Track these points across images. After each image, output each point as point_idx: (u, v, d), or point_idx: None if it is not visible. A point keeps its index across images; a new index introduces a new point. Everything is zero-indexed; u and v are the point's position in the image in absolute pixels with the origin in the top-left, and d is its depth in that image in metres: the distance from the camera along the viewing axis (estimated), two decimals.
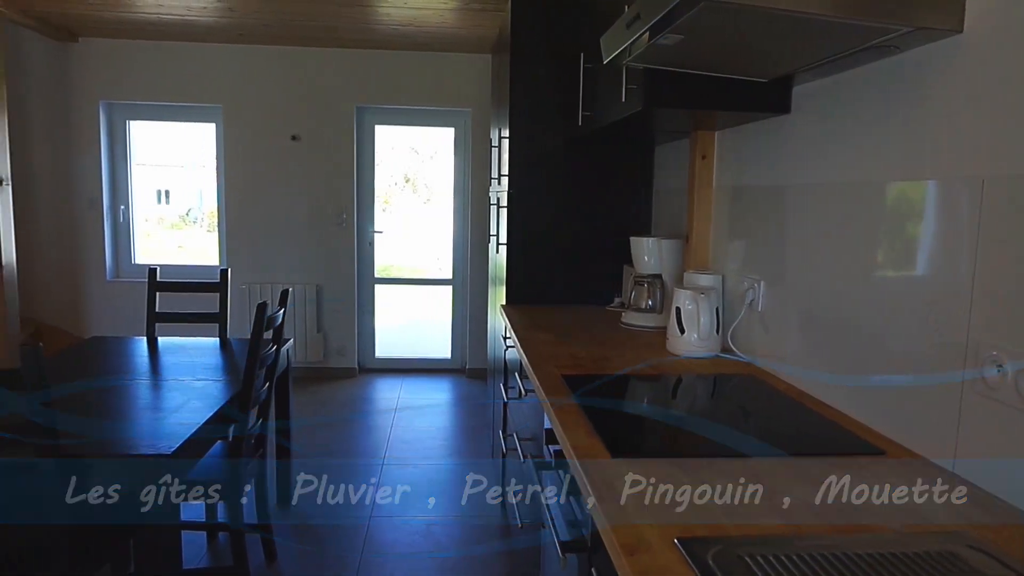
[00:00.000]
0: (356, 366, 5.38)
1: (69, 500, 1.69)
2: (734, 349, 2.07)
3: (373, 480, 3.45)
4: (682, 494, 1.09)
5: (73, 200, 5.08)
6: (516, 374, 2.42)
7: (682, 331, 2.05)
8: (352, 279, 5.29)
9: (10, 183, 4.12)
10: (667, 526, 0.98)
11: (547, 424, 1.68)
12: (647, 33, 1.39)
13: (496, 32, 4.31)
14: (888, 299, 1.40)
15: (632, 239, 2.58)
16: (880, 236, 1.43)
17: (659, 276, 2.49)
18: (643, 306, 2.47)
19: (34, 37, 4.81)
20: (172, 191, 6.04)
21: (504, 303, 3.02)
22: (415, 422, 4.33)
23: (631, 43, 1.50)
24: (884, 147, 1.43)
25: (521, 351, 2.12)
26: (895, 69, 1.39)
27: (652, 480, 1.13)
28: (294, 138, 5.12)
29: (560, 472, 1.52)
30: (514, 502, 2.27)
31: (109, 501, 2.03)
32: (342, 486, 3.41)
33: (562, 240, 3.00)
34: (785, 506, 1.06)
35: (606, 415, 1.49)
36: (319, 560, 2.70)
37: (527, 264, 2.99)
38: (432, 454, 3.81)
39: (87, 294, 5.17)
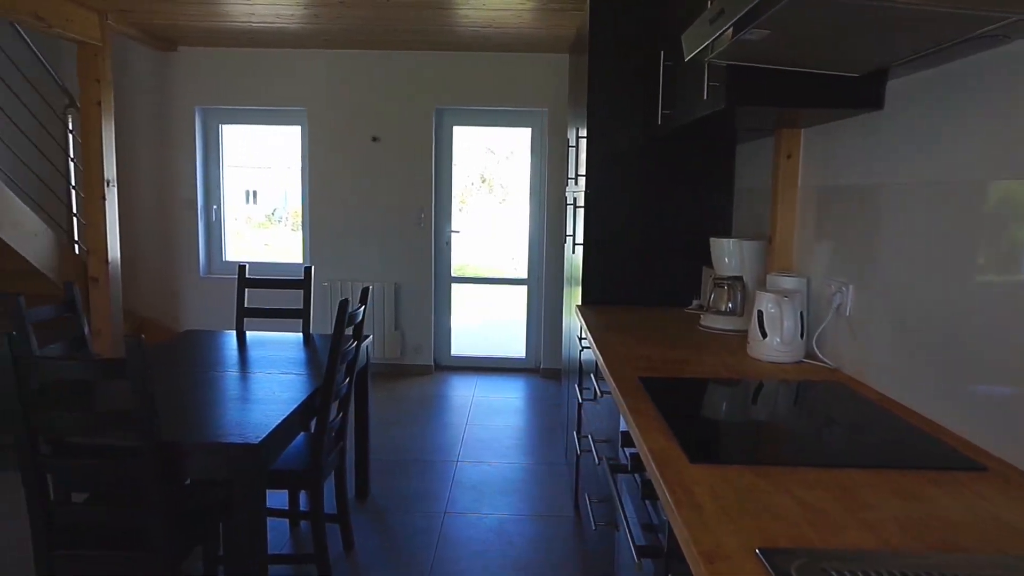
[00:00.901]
0: (432, 363, 5.47)
1: (166, 484, 1.79)
2: (819, 355, 1.99)
3: (448, 477, 3.50)
4: (763, 502, 1.06)
5: (171, 200, 5.37)
6: (591, 375, 2.41)
7: (764, 335, 1.99)
8: (429, 278, 5.38)
9: (116, 184, 4.40)
10: (748, 535, 0.96)
11: (623, 427, 1.66)
12: (731, 29, 1.36)
13: (574, 32, 4.30)
14: (993, 305, 1.32)
15: (712, 240, 2.52)
16: (984, 238, 1.35)
17: (740, 278, 2.43)
18: (723, 309, 2.41)
19: (138, 47, 5.12)
20: (259, 191, 6.30)
21: (579, 304, 3.00)
22: (489, 421, 4.37)
23: (714, 39, 1.47)
24: (989, 143, 1.35)
25: (597, 352, 2.11)
26: (1003, 60, 1.31)
27: (732, 487, 1.10)
28: (375, 139, 5.25)
29: (636, 475, 1.51)
30: (588, 503, 2.26)
31: (201, 486, 2.14)
32: (418, 481, 3.49)
33: (639, 240, 2.96)
34: (875, 520, 1.01)
35: (684, 419, 1.46)
36: (395, 552, 2.76)
37: (603, 264, 2.97)
38: (506, 453, 3.83)
39: (182, 289, 5.46)
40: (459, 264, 5.71)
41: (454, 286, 5.58)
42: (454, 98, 5.22)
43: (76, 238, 4.59)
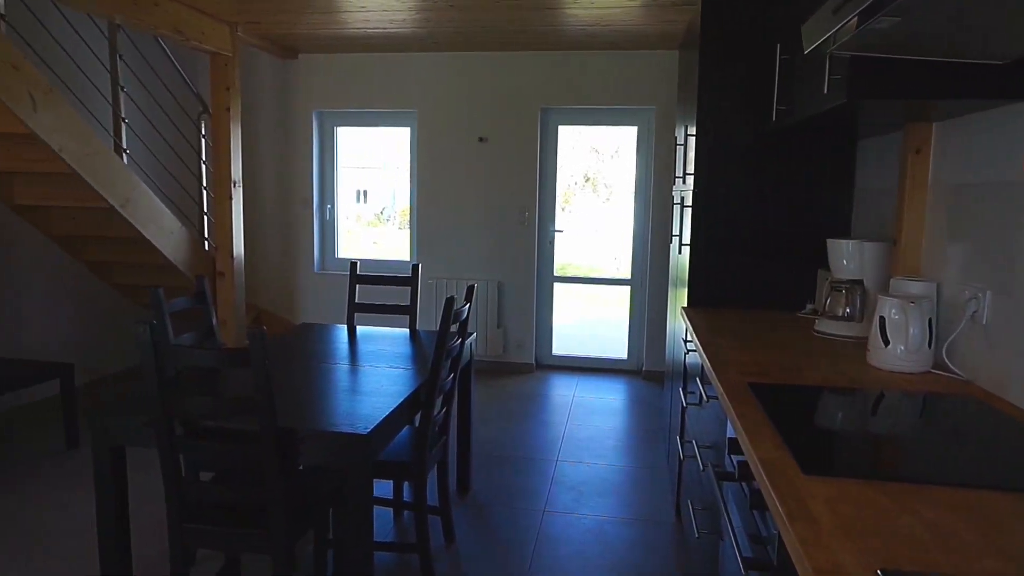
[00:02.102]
0: (534, 362, 5.50)
1: (283, 468, 1.90)
2: (950, 365, 1.85)
3: (547, 475, 3.50)
4: (885, 520, 0.99)
5: (289, 200, 5.68)
6: (697, 379, 2.35)
7: (886, 343, 1.87)
8: (532, 277, 5.41)
9: (241, 185, 4.69)
10: (868, 554, 0.90)
11: (730, 433, 1.61)
12: (856, 18, 1.29)
13: (684, 27, 4.20)
14: None
15: (829, 241, 2.39)
16: None
17: (859, 282, 2.29)
18: (840, 314, 2.29)
19: (262, 55, 5.44)
20: (369, 191, 6.55)
21: (685, 305, 2.93)
22: (590, 421, 4.34)
23: (837, 30, 1.39)
24: None
25: (703, 355, 2.05)
26: None
27: (850, 502, 1.05)
28: (481, 140, 5.33)
29: (743, 484, 1.45)
30: (691, 510, 2.21)
31: (312, 472, 2.24)
32: (518, 478, 3.52)
33: (750, 241, 2.86)
34: (1017, 549, 0.93)
35: (797, 428, 1.40)
36: (494, 547, 2.80)
37: (711, 265, 2.89)
38: (606, 454, 3.80)
39: (298, 284, 5.76)
40: (562, 263, 5.71)
41: (556, 285, 5.59)
42: (560, 97, 5.23)
43: (206, 235, 4.93)
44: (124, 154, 3.91)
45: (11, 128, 3.21)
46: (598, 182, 6.42)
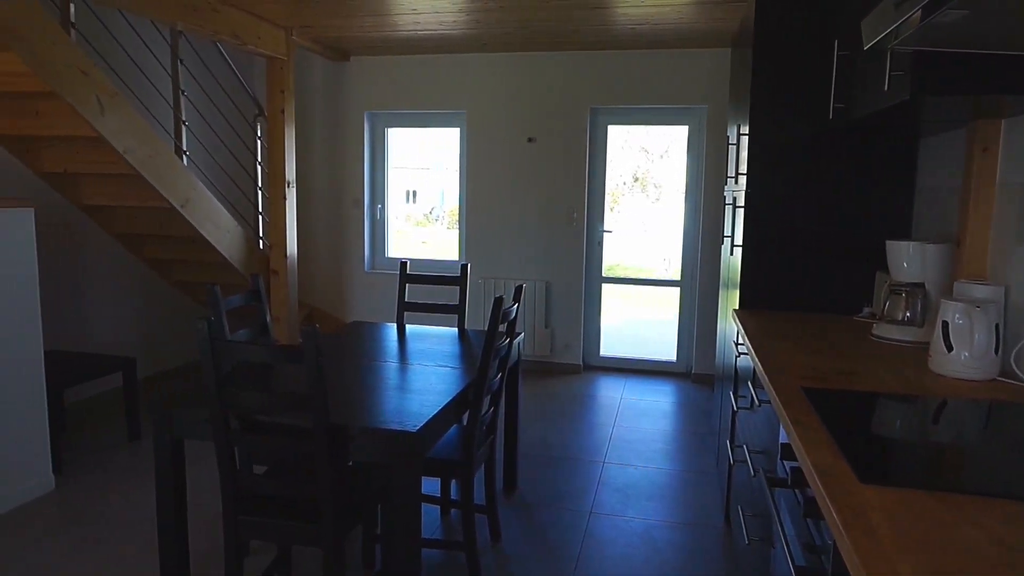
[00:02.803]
0: (581, 363, 5.48)
1: (333, 463, 1.93)
2: (1018, 373, 1.77)
3: (594, 477, 3.49)
4: (946, 533, 0.96)
5: (341, 200, 5.78)
6: (748, 383, 2.30)
7: (950, 348, 1.80)
8: (580, 277, 5.39)
9: (294, 185, 4.80)
10: (928, 567, 0.87)
11: (783, 438, 1.57)
12: (920, 11, 1.24)
13: (737, 24, 4.13)
14: None
15: (889, 243, 2.32)
16: None
17: (921, 285, 2.21)
18: (899, 318, 2.21)
19: (316, 58, 5.55)
20: (418, 191, 6.62)
21: (736, 308, 2.88)
22: (638, 423, 4.30)
23: (899, 24, 1.35)
24: None
25: (755, 359, 2.01)
26: None
27: (910, 513, 1.01)
28: (530, 140, 5.34)
29: (797, 491, 1.42)
30: (741, 516, 2.17)
31: (362, 468, 2.27)
32: (565, 479, 3.51)
33: (804, 242, 2.79)
34: None
35: (854, 435, 1.36)
36: (540, 547, 2.80)
37: (763, 267, 2.83)
38: (654, 457, 3.76)
39: (348, 283, 5.86)
40: (610, 264, 5.67)
41: (605, 286, 5.55)
42: (609, 97, 5.19)
43: (260, 234, 5.06)
44: (184, 156, 4.04)
45: (80, 131, 3.35)
46: (647, 182, 6.35)
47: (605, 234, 5.48)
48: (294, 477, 2.01)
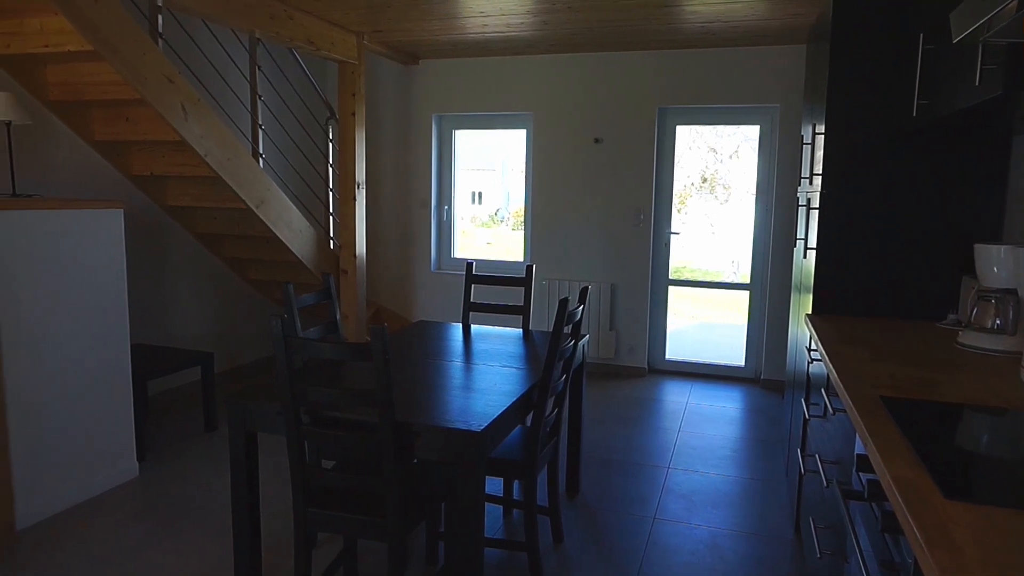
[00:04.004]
0: (646, 366, 5.41)
1: (398, 461, 1.96)
2: None
3: (658, 482, 3.43)
4: None
5: (408, 201, 5.88)
6: (822, 390, 2.23)
7: None
8: (646, 279, 5.33)
9: (364, 187, 4.91)
10: None
11: (859, 449, 1.51)
12: (1015, 1, 1.17)
13: (812, 20, 4.00)
14: None
15: (977, 247, 2.20)
16: None
17: (1013, 291, 2.09)
18: (988, 326, 2.10)
19: (386, 62, 5.67)
20: (484, 192, 6.67)
21: (809, 312, 2.79)
22: (704, 428, 4.22)
23: (993, 15, 1.28)
24: None
25: (830, 366, 1.94)
26: None
27: (1000, 533, 0.96)
28: (597, 141, 5.30)
29: (873, 504, 1.36)
30: (812, 528, 2.09)
31: (426, 466, 2.30)
32: (628, 483, 3.47)
33: (883, 245, 2.68)
34: None
35: (937, 448, 1.29)
36: (603, 550, 2.77)
37: (839, 271, 2.73)
38: (720, 464, 3.67)
39: (415, 283, 5.95)
40: (677, 266, 5.58)
41: (671, 288, 5.46)
42: (678, 97, 5.11)
43: (331, 234, 5.19)
44: (260, 158, 4.19)
45: (165, 136, 3.52)
46: (715, 183, 6.22)
47: (672, 236, 5.40)
48: (361, 472, 2.05)
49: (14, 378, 2.77)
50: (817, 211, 2.78)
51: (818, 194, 2.78)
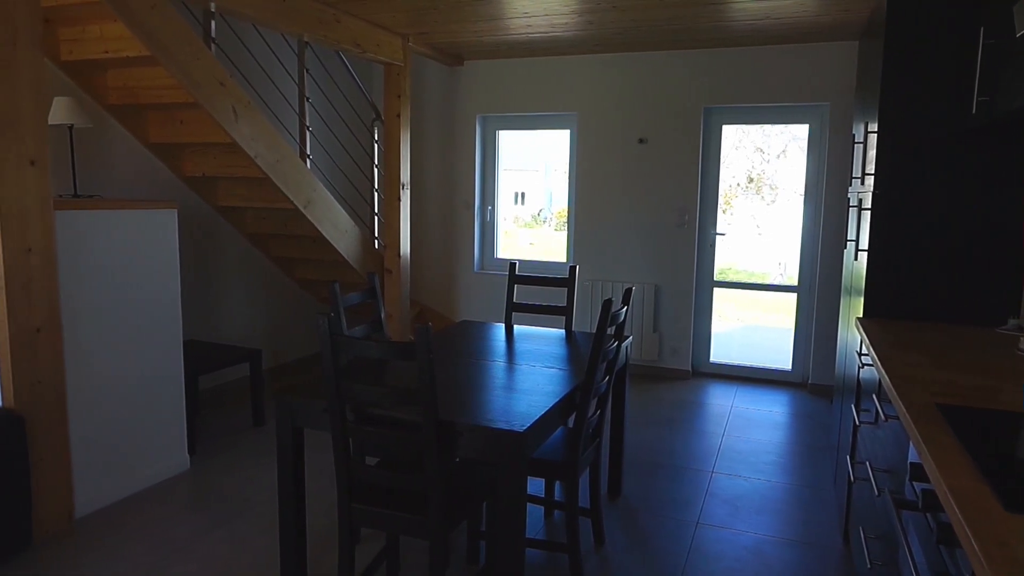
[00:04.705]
0: (690, 368, 5.34)
1: (440, 459, 1.98)
2: None
3: (701, 486, 3.39)
4: None
5: (452, 201, 5.92)
6: (873, 396, 2.17)
7: None
8: (690, 281, 5.26)
9: (408, 187, 4.96)
10: None
11: (912, 457, 1.47)
12: None
13: (866, 15, 3.90)
14: None
15: None
16: None
17: None
18: None
19: (430, 64, 5.72)
20: (527, 193, 6.67)
21: (860, 316, 2.72)
22: (749, 433, 4.14)
23: None
24: None
25: (882, 371, 1.89)
26: None
27: None
28: (641, 141, 5.26)
29: (928, 515, 1.32)
30: (862, 537, 2.04)
31: (468, 465, 2.31)
32: (671, 487, 3.43)
33: (938, 247, 2.59)
34: None
35: (997, 458, 1.25)
36: (645, 554, 2.75)
37: (892, 273, 2.65)
38: (766, 469, 3.61)
39: (458, 282, 5.99)
40: (722, 267, 5.49)
41: (716, 290, 5.39)
42: (724, 96, 5.03)
43: (376, 234, 5.26)
44: (307, 159, 4.26)
45: (217, 138, 3.62)
46: (762, 183, 6.10)
47: (717, 237, 5.32)
48: (404, 470, 2.08)
49: (75, 372, 2.88)
50: (869, 212, 2.71)
51: (870, 194, 2.71)
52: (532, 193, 6.69)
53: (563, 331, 3.32)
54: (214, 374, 4.53)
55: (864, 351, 2.37)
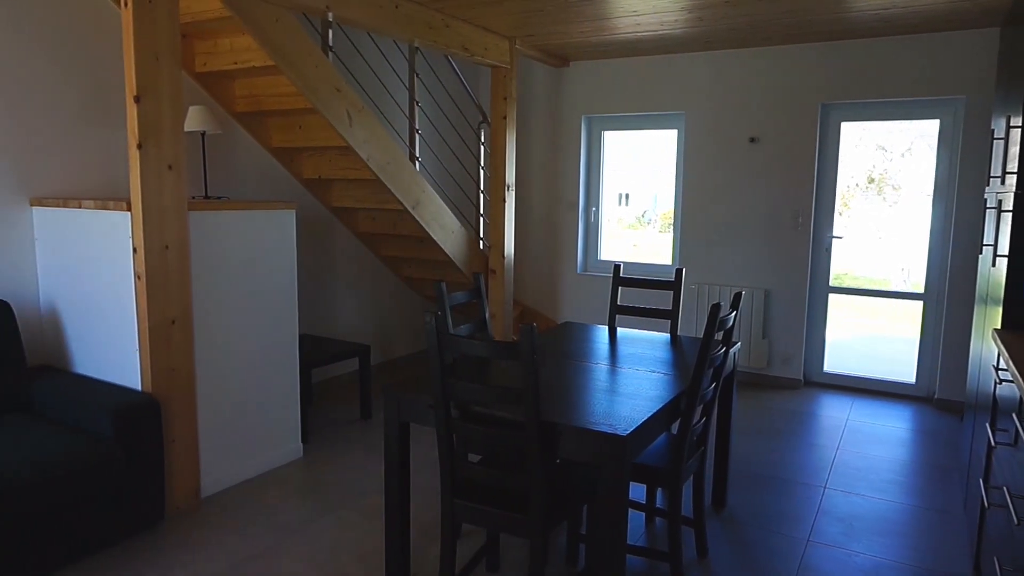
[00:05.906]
0: (801, 378, 5.10)
1: (542, 459, 1.98)
2: None
3: (813, 502, 3.22)
4: None
5: (556, 202, 5.93)
6: (1013, 415, 1.99)
7: None
8: (803, 286, 5.02)
9: (513, 188, 5.01)
10: None
11: None
12: None
13: (1008, 0, 3.59)
14: None
15: None
16: None
17: None
18: None
19: (537, 65, 5.75)
20: (631, 194, 6.57)
21: (998, 327, 2.50)
22: (866, 448, 3.90)
23: None
24: None
25: (1023, 387, 1.73)
26: None
27: None
28: (752, 140, 5.07)
29: None
30: (997, 569, 1.88)
31: (569, 467, 2.30)
32: (779, 501, 3.29)
33: None
34: None
35: None
36: (750, 570, 2.64)
37: None
38: (885, 488, 3.39)
39: (561, 284, 5.99)
40: (838, 272, 5.21)
41: (831, 296, 5.11)
42: (844, 92, 4.77)
43: (481, 235, 5.34)
44: (416, 161, 4.39)
45: (332, 142, 3.79)
46: (884, 183, 5.74)
47: (833, 240, 5.05)
48: (506, 469, 2.09)
49: (204, 361, 3.09)
50: (1010, 214, 2.49)
51: (1012, 195, 2.48)
52: (636, 194, 6.59)
53: (668, 335, 3.24)
54: (325, 368, 4.75)
55: (1002, 366, 2.18)
